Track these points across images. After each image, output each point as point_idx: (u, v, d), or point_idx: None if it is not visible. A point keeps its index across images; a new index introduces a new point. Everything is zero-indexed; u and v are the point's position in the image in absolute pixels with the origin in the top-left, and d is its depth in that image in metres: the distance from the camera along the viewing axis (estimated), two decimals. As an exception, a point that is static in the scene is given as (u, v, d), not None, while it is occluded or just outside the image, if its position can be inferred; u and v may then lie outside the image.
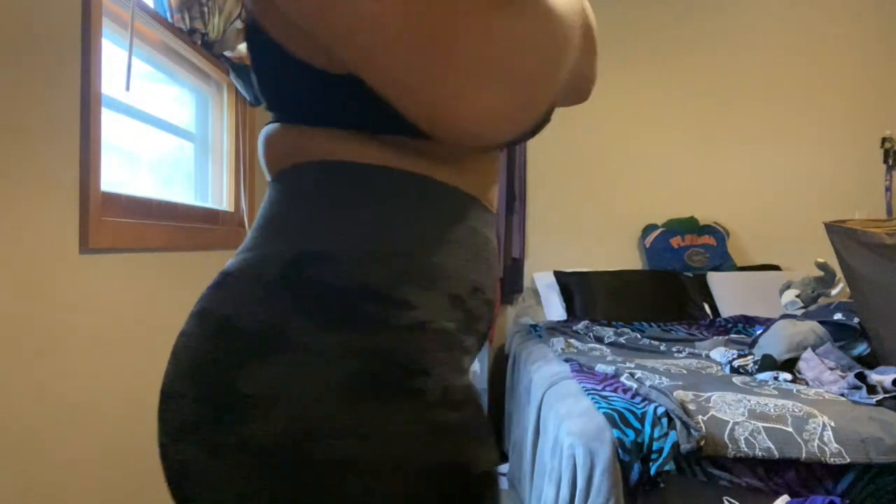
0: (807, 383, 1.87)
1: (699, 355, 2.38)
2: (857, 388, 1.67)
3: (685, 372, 2.03)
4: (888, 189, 3.48)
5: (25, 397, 1.05)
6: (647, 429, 1.47)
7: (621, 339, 2.61)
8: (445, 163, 0.54)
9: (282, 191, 0.54)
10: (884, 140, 3.47)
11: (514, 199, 3.56)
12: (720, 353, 2.25)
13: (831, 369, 1.85)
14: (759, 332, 2.30)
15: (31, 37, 1.06)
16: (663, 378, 1.87)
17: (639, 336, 2.67)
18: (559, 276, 3.38)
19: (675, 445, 1.42)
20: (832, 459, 1.41)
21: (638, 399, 1.64)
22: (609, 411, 1.54)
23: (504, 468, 2.50)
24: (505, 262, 3.54)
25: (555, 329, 2.79)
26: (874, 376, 1.71)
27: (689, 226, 3.51)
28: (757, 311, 3.02)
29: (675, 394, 1.63)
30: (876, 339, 1.95)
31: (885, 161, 3.47)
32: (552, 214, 3.68)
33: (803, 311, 2.44)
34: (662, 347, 2.52)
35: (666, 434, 1.45)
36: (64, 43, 1.15)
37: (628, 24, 3.65)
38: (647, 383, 1.75)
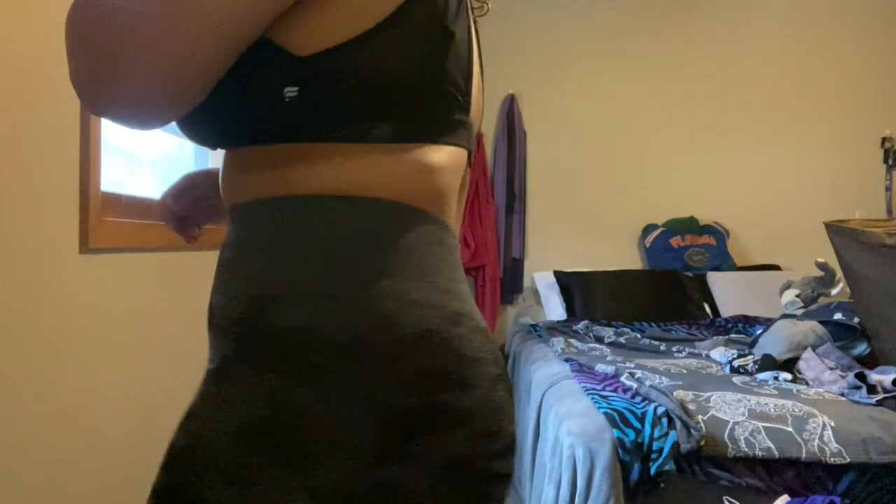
0: (807, 383, 1.86)
1: (699, 355, 2.38)
2: (857, 387, 1.67)
3: (685, 372, 2.03)
4: (888, 189, 3.48)
5: (25, 397, 1.05)
6: (647, 429, 1.47)
7: (621, 339, 2.61)
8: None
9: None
10: (884, 140, 3.47)
11: (514, 199, 3.56)
12: (720, 353, 2.25)
13: (831, 369, 1.85)
14: (759, 332, 2.30)
15: (30, 37, 1.06)
16: (663, 378, 1.87)
17: (639, 336, 2.67)
18: (559, 276, 3.38)
19: (675, 445, 1.42)
20: (832, 459, 1.41)
21: (638, 399, 1.64)
22: (609, 411, 1.54)
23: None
24: (505, 262, 3.54)
25: (555, 329, 2.79)
26: (874, 376, 1.71)
27: (689, 226, 3.51)
28: (757, 311, 3.02)
29: (675, 394, 1.63)
30: (876, 339, 1.95)
31: (885, 161, 3.47)
32: (552, 214, 3.68)
33: (803, 311, 2.44)
34: (662, 347, 2.52)
35: (666, 434, 1.45)
36: (64, 43, 1.15)
37: (628, 25, 3.65)
38: (647, 383, 1.75)
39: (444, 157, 0.52)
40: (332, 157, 0.48)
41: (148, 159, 1.73)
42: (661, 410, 1.50)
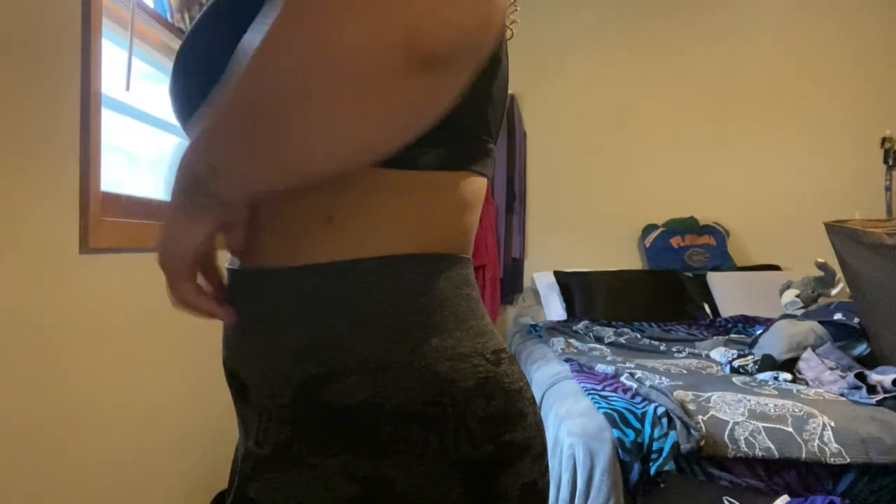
0: (807, 383, 1.86)
1: (699, 355, 2.38)
2: (857, 388, 1.67)
3: (685, 372, 2.03)
4: (888, 189, 3.48)
5: (26, 397, 1.04)
6: (647, 429, 1.47)
7: (621, 339, 2.61)
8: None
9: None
10: (884, 140, 3.47)
11: (514, 199, 3.56)
12: (720, 353, 2.25)
13: (831, 369, 1.85)
14: (759, 332, 2.31)
15: (31, 37, 1.06)
16: (663, 378, 1.87)
17: (639, 336, 2.67)
18: (559, 276, 3.38)
19: (675, 445, 1.42)
20: (832, 459, 1.41)
21: (638, 399, 1.64)
22: (609, 411, 1.54)
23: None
24: (505, 262, 3.54)
25: (555, 329, 2.79)
26: (874, 376, 1.71)
27: (689, 226, 3.51)
28: (757, 311, 3.03)
29: (675, 394, 1.63)
30: (876, 339, 1.95)
31: (885, 161, 3.47)
32: (552, 214, 3.68)
33: (803, 311, 2.44)
34: (662, 347, 2.52)
35: (666, 434, 1.45)
36: (64, 43, 1.15)
37: (628, 25, 3.65)
38: (647, 383, 1.75)
39: (476, 189, 0.53)
40: (376, 190, 0.46)
41: (148, 159, 1.73)
42: (661, 410, 1.50)
